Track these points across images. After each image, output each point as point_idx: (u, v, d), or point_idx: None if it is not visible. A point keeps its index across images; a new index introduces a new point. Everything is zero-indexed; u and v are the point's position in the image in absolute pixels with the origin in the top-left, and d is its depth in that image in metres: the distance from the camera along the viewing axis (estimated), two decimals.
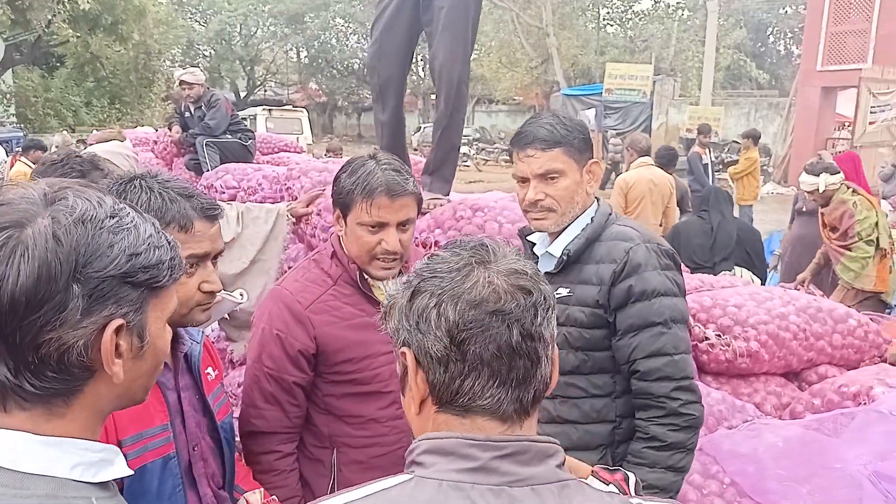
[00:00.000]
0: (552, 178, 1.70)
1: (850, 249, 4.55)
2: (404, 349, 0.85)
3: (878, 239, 4.52)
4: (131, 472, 0.88)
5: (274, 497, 1.55)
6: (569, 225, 1.75)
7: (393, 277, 1.77)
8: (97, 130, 10.20)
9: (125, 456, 1.20)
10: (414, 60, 3.11)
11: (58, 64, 22.19)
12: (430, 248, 2.59)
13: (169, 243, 0.86)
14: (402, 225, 1.69)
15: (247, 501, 1.44)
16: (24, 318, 0.73)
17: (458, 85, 3.00)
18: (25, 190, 0.78)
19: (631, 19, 28.71)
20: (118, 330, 0.77)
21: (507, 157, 23.59)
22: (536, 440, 0.82)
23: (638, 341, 1.63)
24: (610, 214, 1.79)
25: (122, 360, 0.79)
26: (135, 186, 1.33)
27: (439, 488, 0.77)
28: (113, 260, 0.76)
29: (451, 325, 0.81)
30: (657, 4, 27.65)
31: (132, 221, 0.81)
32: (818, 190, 4.61)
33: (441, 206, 2.84)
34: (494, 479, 0.78)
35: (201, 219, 1.38)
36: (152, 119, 20.27)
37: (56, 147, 8.31)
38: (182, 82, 5.37)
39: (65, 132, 9.98)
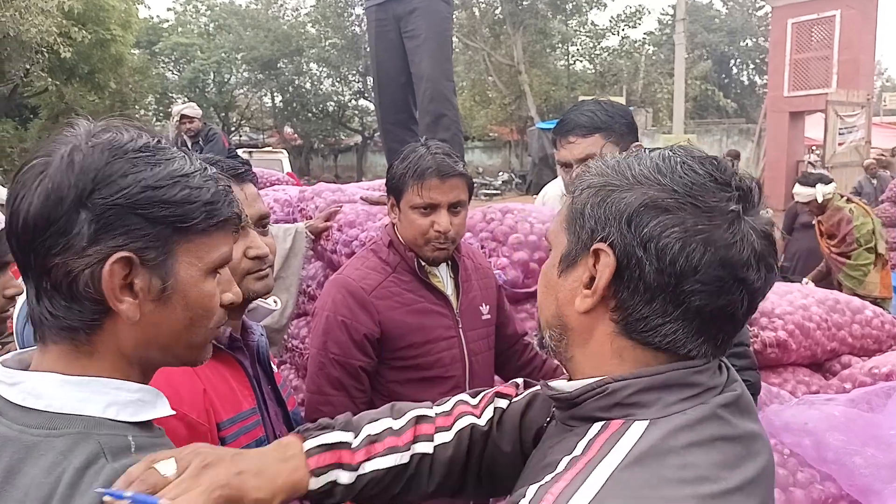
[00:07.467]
0: None
1: (849, 258, 4.65)
2: (606, 248, 0.74)
3: (875, 245, 4.63)
4: (173, 412, 0.86)
5: None
6: None
7: (446, 260, 1.79)
8: None
9: (223, 439, 1.20)
10: None
11: (31, 115, 22.07)
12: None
13: (218, 189, 0.83)
14: (454, 207, 1.71)
15: None
16: (35, 240, 0.73)
17: (447, 95, 3.07)
18: (78, 125, 0.79)
19: (599, 55, 29.44)
20: (129, 265, 0.75)
21: (486, 192, 23.82)
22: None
23: None
24: None
25: (137, 301, 0.76)
26: None
27: (684, 417, 0.73)
28: (123, 188, 0.74)
29: (689, 269, 0.71)
30: (624, 40, 28.42)
31: (167, 157, 0.78)
32: (816, 200, 4.72)
33: None
34: (714, 393, 0.76)
35: (227, 180, 1.33)
36: None
37: None
38: (183, 116, 5.42)
39: None
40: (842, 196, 4.85)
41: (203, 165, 0.83)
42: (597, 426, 0.75)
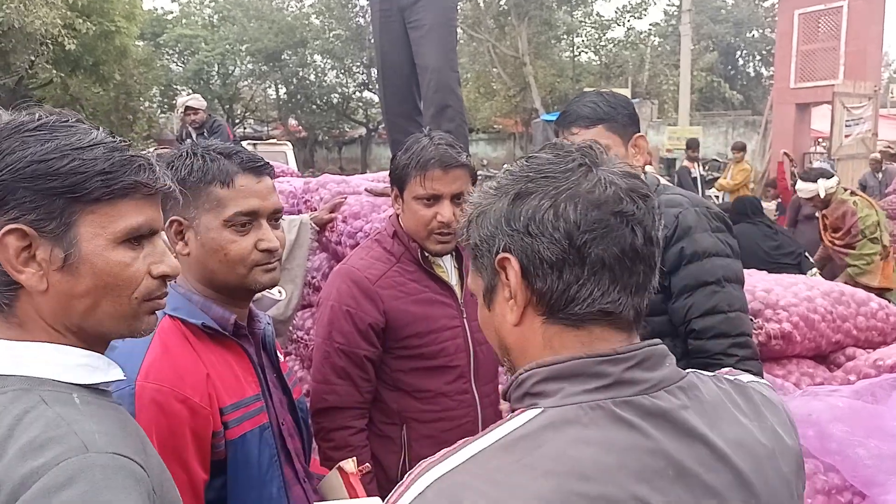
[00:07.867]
0: None
1: (853, 248, 4.65)
2: (506, 255, 0.78)
3: (880, 236, 4.63)
4: (123, 377, 0.88)
5: (367, 464, 1.54)
6: None
7: (450, 252, 1.80)
8: None
9: (226, 424, 1.21)
10: None
11: (36, 107, 22.12)
12: None
13: (121, 158, 0.83)
14: (457, 198, 1.72)
15: (341, 469, 1.43)
16: None
17: (451, 87, 3.06)
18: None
19: (605, 46, 29.29)
20: (25, 236, 0.78)
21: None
22: (654, 344, 0.80)
23: (692, 301, 1.66)
24: (658, 185, 1.84)
25: (42, 271, 0.79)
26: (181, 155, 1.33)
27: (580, 411, 0.72)
28: (10, 164, 0.78)
29: (571, 226, 0.75)
30: (630, 32, 28.28)
31: (65, 133, 0.81)
32: (818, 195, 4.73)
33: None
34: (630, 390, 0.74)
35: (243, 173, 1.33)
36: None
37: None
38: (188, 108, 5.44)
39: None
40: (845, 189, 4.86)
41: (113, 139, 0.85)
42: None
